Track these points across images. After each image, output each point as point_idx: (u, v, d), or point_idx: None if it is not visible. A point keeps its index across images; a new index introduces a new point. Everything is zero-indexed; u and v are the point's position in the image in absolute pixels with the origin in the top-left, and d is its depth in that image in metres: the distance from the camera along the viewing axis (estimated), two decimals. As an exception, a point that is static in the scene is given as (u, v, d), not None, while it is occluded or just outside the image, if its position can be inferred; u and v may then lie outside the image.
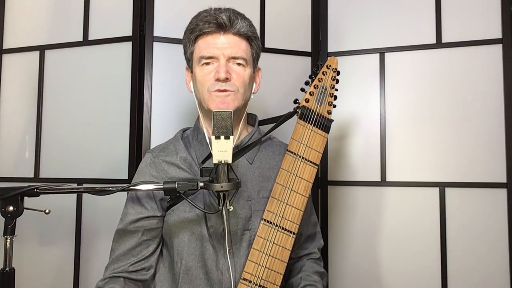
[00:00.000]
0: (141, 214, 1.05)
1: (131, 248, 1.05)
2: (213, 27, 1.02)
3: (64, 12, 1.71)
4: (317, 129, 1.09)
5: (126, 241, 1.05)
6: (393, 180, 1.62)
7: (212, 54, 1.03)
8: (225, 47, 1.02)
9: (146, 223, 1.05)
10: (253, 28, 1.07)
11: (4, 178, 1.71)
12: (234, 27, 1.03)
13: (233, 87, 1.03)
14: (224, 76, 1.00)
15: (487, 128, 1.55)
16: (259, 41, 1.10)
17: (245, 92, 1.05)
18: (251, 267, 1.00)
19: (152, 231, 1.06)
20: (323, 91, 1.11)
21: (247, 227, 1.04)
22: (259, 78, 1.15)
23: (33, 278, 1.65)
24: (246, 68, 1.05)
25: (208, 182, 0.88)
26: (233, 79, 1.03)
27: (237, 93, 1.03)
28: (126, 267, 1.03)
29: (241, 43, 1.04)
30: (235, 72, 1.03)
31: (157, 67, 1.55)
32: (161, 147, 1.14)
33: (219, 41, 1.03)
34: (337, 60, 1.13)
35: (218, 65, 1.02)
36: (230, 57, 1.03)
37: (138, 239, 1.05)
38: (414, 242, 1.59)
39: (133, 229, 1.05)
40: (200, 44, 1.05)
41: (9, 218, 0.86)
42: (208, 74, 1.03)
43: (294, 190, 1.05)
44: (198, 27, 1.03)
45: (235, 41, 1.03)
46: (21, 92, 1.73)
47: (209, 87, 1.03)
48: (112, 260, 1.06)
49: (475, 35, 1.58)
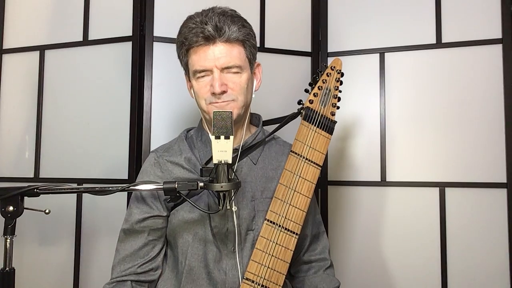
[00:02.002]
0: (147, 213, 1.04)
1: (138, 249, 1.04)
2: (202, 41, 0.99)
3: (64, 12, 1.71)
4: (321, 131, 1.09)
5: (132, 241, 1.05)
6: (393, 180, 1.62)
7: (204, 67, 1.00)
8: (217, 58, 0.99)
9: (151, 222, 1.04)
10: (245, 29, 1.03)
11: (4, 178, 1.71)
12: (223, 35, 0.98)
13: (230, 97, 1.01)
14: (219, 90, 0.98)
15: (487, 128, 1.55)
16: (253, 39, 1.06)
17: (244, 98, 1.04)
18: (254, 267, 1.00)
19: (157, 231, 1.06)
20: (327, 92, 1.10)
21: (251, 227, 1.04)
22: (260, 74, 1.12)
23: (33, 278, 1.65)
24: (242, 74, 1.02)
25: (208, 182, 0.88)
26: (230, 89, 1.01)
27: (236, 101, 1.02)
28: (134, 268, 1.03)
29: (233, 49, 1.00)
30: (231, 81, 1.01)
31: (157, 67, 1.55)
32: (165, 147, 1.13)
33: (210, 52, 0.99)
34: (341, 61, 1.13)
35: (213, 78, 1.00)
36: (223, 67, 1.00)
37: (144, 239, 1.04)
38: (414, 242, 1.59)
39: (139, 228, 1.04)
40: (193, 57, 1.02)
41: (9, 218, 0.86)
42: (204, 87, 1.02)
43: (298, 191, 1.05)
44: (187, 40, 1.01)
45: (227, 49, 1.00)
46: (21, 92, 1.73)
47: (207, 99, 1.02)
48: (118, 261, 1.05)
49: (475, 35, 1.58)
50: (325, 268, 1.17)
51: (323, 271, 1.16)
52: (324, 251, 1.20)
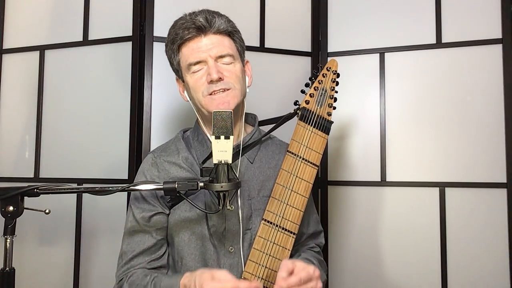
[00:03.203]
0: (150, 211, 1.04)
1: (146, 249, 1.03)
2: (193, 32, 1.02)
3: (64, 12, 1.71)
4: (317, 131, 1.10)
5: (139, 241, 1.03)
6: (393, 180, 1.63)
7: (199, 58, 1.02)
8: (210, 48, 1.02)
9: (156, 220, 1.04)
10: (231, 23, 1.07)
11: (4, 178, 1.71)
12: (213, 26, 1.02)
13: (228, 84, 1.02)
14: (216, 76, 1.00)
15: (487, 128, 1.55)
16: (240, 34, 1.10)
17: (241, 87, 1.06)
18: (252, 267, 1.00)
19: (162, 230, 1.05)
20: (323, 93, 1.11)
21: (248, 226, 1.05)
22: (250, 71, 1.15)
23: (33, 278, 1.65)
24: (235, 63, 1.05)
25: (208, 182, 0.88)
26: (226, 77, 1.03)
27: (234, 89, 1.03)
28: (144, 264, 1.01)
29: (224, 40, 1.04)
30: (226, 70, 1.03)
31: (157, 67, 1.55)
32: (162, 148, 1.14)
33: (202, 43, 1.02)
34: (337, 62, 1.14)
35: (208, 67, 1.02)
36: (217, 56, 1.03)
37: (152, 238, 1.03)
38: (414, 242, 1.59)
39: (144, 228, 1.03)
40: (185, 52, 1.04)
41: (9, 218, 0.86)
42: (200, 79, 1.03)
43: (295, 190, 1.05)
44: (178, 35, 1.03)
45: (218, 39, 1.03)
46: (21, 92, 1.73)
47: (204, 91, 1.03)
48: (125, 262, 1.03)
49: (475, 35, 1.58)
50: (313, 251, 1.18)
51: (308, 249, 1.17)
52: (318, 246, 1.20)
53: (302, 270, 0.88)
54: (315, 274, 0.90)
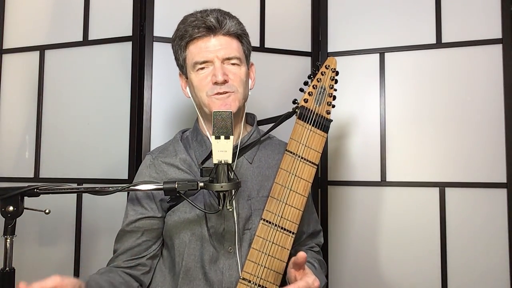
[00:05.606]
0: (141, 214, 1.06)
1: (130, 248, 1.05)
2: (203, 31, 1.01)
3: (64, 12, 1.71)
4: (316, 129, 1.09)
5: (125, 241, 1.07)
6: (393, 180, 1.62)
7: (206, 58, 1.02)
8: (218, 49, 1.02)
9: (145, 223, 1.05)
10: (241, 26, 1.07)
11: (4, 178, 1.71)
12: (224, 27, 1.02)
13: (232, 88, 1.03)
14: (222, 78, 1.00)
15: (487, 128, 1.55)
16: (248, 37, 1.10)
17: (244, 91, 1.06)
18: (251, 267, 1.00)
19: (152, 232, 1.06)
20: (322, 91, 1.11)
21: (247, 226, 1.05)
22: (254, 74, 1.16)
23: (33, 278, 1.65)
24: (241, 66, 1.05)
25: (208, 182, 0.88)
26: (231, 80, 1.03)
27: (237, 93, 1.04)
28: (121, 262, 1.04)
29: (233, 42, 1.04)
30: (232, 72, 1.03)
31: (157, 67, 1.55)
32: (160, 149, 1.14)
33: (211, 44, 1.02)
34: (335, 60, 1.13)
35: (214, 68, 1.02)
36: (224, 58, 1.02)
37: (137, 239, 1.05)
38: (414, 242, 1.59)
39: (132, 229, 1.06)
40: (192, 50, 1.04)
41: (9, 218, 0.87)
42: (204, 79, 1.03)
43: (294, 190, 1.05)
44: (188, 33, 1.03)
45: (227, 41, 1.03)
46: (21, 92, 1.73)
47: (208, 91, 1.03)
48: (110, 260, 1.08)
49: (475, 35, 1.58)
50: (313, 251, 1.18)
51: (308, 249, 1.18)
52: (318, 245, 1.21)
53: (300, 280, 0.91)
54: (314, 285, 0.91)
